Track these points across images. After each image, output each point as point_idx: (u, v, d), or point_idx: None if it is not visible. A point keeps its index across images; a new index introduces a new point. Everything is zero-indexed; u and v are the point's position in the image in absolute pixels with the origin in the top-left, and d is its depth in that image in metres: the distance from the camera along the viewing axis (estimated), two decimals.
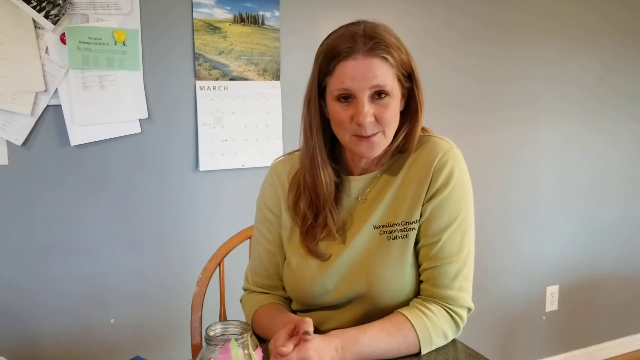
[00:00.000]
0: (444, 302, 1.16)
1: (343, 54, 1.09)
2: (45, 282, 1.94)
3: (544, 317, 2.95)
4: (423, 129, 1.27)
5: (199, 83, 2.06)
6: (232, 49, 2.10)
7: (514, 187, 2.78)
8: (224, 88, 2.10)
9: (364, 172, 1.25)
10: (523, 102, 2.73)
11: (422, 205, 1.18)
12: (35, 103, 1.84)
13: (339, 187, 1.24)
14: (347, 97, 1.11)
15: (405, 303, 1.19)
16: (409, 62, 1.16)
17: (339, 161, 1.26)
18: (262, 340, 1.26)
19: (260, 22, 2.13)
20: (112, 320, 2.04)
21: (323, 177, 1.19)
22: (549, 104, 2.80)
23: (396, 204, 1.20)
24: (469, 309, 1.19)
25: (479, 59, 2.60)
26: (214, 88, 2.08)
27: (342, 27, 1.15)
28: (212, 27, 2.06)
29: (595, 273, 3.06)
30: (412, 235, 1.18)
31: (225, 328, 0.85)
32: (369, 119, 1.10)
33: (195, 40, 2.04)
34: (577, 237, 2.99)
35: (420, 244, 1.18)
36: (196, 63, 2.05)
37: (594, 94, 2.92)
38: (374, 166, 1.25)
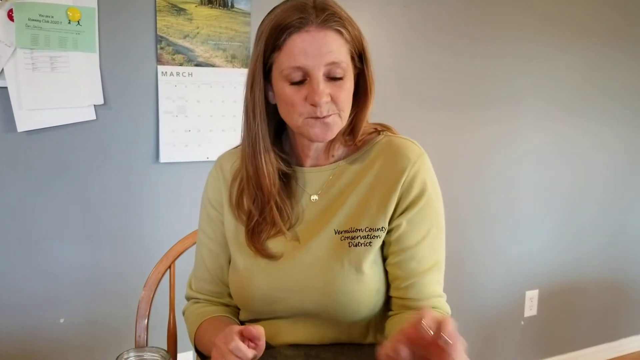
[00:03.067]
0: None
1: (294, 25, 0.99)
2: None
3: (522, 323, 2.87)
4: (388, 128, 1.18)
5: (161, 68, 1.92)
6: (198, 33, 1.96)
7: (494, 188, 2.69)
8: (189, 74, 1.96)
9: (315, 163, 1.15)
10: (505, 100, 2.65)
11: (394, 217, 1.08)
12: None
13: (292, 179, 1.14)
14: (299, 81, 1.01)
15: (367, 317, 1.09)
16: (361, 39, 1.06)
17: (287, 151, 1.16)
18: (205, 358, 1.13)
19: (229, 4, 1.99)
20: (61, 320, 1.91)
21: (265, 166, 1.08)
22: (532, 103, 2.71)
23: (360, 209, 1.09)
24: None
25: (461, 54, 2.51)
26: (178, 74, 1.94)
27: (285, 1, 1.04)
28: (177, 8, 1.92)
29: (576, 277, 3.00)
30: (376, 244, 1.08)
31: (141, 356, 0.72)
32: (325, 99, 1.00)
33: (157, 21, 1.90)
34: (558, 240, 2.92)
35: (394, 259, 1.08)
36: (158, 46, 1.91)
37: (579, 94, 2.84)
38: (325, 158, 1.14)
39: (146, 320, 1.39)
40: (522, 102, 2.68)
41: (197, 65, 1.97)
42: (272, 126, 1.10)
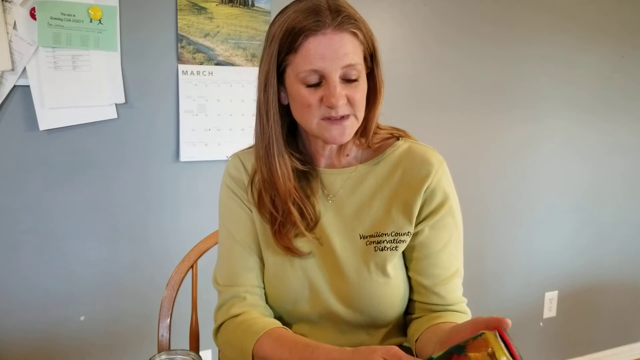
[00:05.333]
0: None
1: (310, 28, 0.97)
2: (11, 277, 1.80)
3: (542, 324, 2.84)
4: (405, 133, 1.17)
5: (181, 67, 1.92)
6: (218, 32, 1.95)
7: (514, 189, 2.67)
8: (209, 73, 1.95)
9: (330, 164, 1.14)
10: (525, 101, 2.62)
11: (417, 223, 1.09)
12: (0, 83, 1.69)
13: (310, 177, 1.12)
14: (315, 83, 0.99)
15: (393, 321, 1.10)
16: (373, 40, 1.05)
17: (301, 150, 1.14)
18: None
19: (249, 3, 1.99)
20: (82, 318, 1.91)
21: (279, 168, 1.07)
22: (552, 104, 2.68)
23: (385, 214, 1.09)
24: None
25: (481, 56, 2.49)
26: (198, 73, 1.94)
27: (296, 1, 1.02)
28: (198, 7, 1.92)
29: (595, 279, 2.96)
30: (401, 248, 1.08)
31: (173, 359, 0.71)
32: (342, 101, 0.99)
33: (178, 20, 1.90)
34: (578, 242, 2.88)
35: (417, 265, 1.09)
36: (179, 45, 1.91)
37: (599, 94, 2.81)
38: (339, 158, 1.14)
39: (169, 320, 1.38)
40: (542, 104, 2.65)
41: (217, 64, 1.96)
42: (284, 126, 1.09)
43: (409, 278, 1.12)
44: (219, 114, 1.98)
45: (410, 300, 1.12)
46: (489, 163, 2.58)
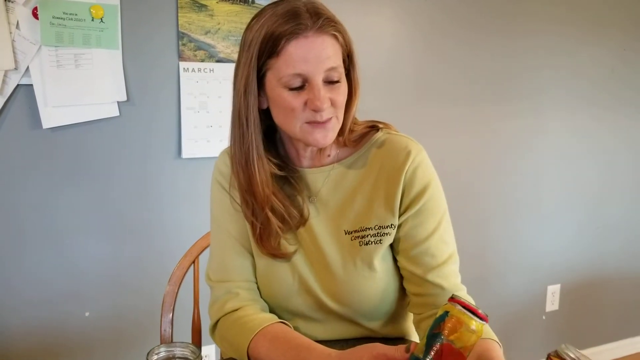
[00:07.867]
0: None
1: (292, 31, 0.96)
2: (16, 273, 1.83)
3: (544, 317, 2.85)
4: (387, 126, 1.17)
5: (182, 64, 1.93)
6: (219, 29, 1.96)
7: (517, 182, 2.67)
8: (210, 70, 1.97)
9: (311, 164, 1.14)
10: (529, 94, 2.62)
11: (401, 213, 1.08)
12: (4, 82, 1.71)
13: (290, 181, 1.12)
14: (298, 87, 0.99)
15: (380, 311, 1.12)
16: (350, 42, 1.05)
17: (281, 154, 1.14)
18: None
19: (249, 0, 2.00)
20: (86, 314, 1.93)
21: (258, 174, 1.06)
22: (556, 97, 2.69)
23: (368, 208, 1.10)
24: None
25: (483, 49, 2.49)
26: (199, 70, 1.95)
27: (272, 5, 1.01)
28: (198, 5, 1.93)
29: (598, 272, 2.97)
30: (386, 241, 1.08)
31: (171, 351, 0.73)
32: (327, 104, 0.99)
33: (179, 18, 1.91)
34: (582, 235, 2.89)
35: (408, 254, 1.09)
36: (180, 43, 1.92)
37: (604, 87, 2.81)
38: (320, 158, 1.14)
39: (171, 315, 1.40)
40: (545, 96, 2.66)
41: (218, 61, 1.98)
42: (262, 132, 1.08)
43: (397, 269, 1.12)
44: (221, 110, 1.99)
45: (410, 296, 1.12)
46: (492, 156, 2.59)
